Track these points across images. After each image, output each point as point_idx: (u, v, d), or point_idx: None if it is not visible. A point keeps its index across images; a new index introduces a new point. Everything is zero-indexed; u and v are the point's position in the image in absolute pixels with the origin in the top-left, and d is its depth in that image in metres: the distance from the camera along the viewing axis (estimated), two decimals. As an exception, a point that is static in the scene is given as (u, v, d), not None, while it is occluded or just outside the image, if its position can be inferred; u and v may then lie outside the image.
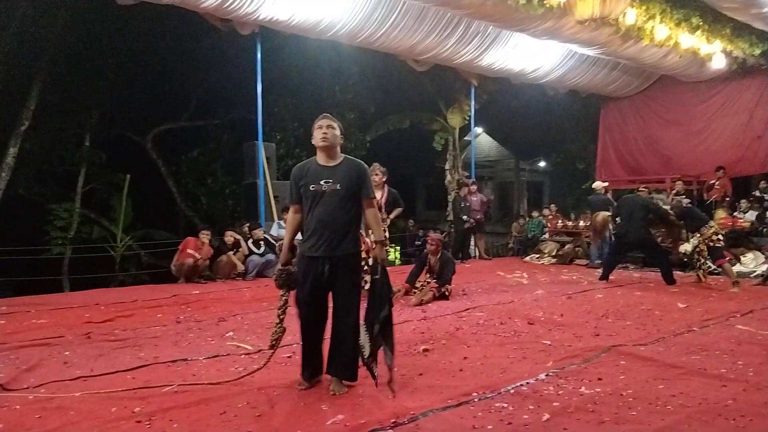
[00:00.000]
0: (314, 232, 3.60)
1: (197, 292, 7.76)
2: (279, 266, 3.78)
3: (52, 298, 7.60)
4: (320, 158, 3.68)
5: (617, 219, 8.78)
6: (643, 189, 10.49)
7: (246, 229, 9.56)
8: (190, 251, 8.68)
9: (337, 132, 3.66)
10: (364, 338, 3.61)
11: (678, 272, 8.81)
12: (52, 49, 12.54)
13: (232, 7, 7.94)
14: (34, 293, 7.87)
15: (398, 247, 15.69)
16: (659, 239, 8.89)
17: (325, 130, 3.61)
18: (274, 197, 10.52)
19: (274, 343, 3.76)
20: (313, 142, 3.68)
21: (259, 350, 4.46)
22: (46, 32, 12.32)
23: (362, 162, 3.77)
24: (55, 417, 3.17)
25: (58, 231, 13.39)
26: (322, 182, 3.58)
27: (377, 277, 3.65)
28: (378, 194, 7.00)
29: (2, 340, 5.02)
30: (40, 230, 13.30)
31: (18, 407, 3.33)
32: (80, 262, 12.61)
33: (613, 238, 9.46)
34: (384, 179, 7.07)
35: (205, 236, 8.91)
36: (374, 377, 3.63)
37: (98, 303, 6.87)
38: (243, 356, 4.49)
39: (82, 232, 14.00)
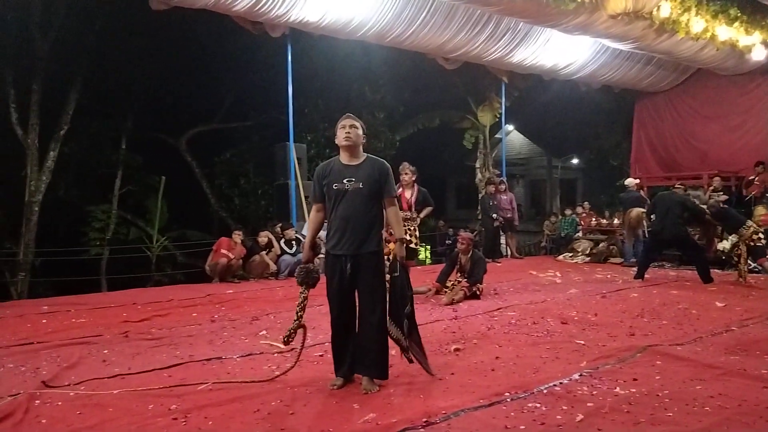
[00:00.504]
0: (337, 231, 3.66)
1: (231, 291, 7.88)
2: (301, 264, 3.85)
3: (91, 297, 7.79)
4: (343, 157, 3.73)
5: (652, 216, 8.63)
6: (679, 186, 10.28)
7: (278, 229, 9.67)
8: (223, 251, 8.81)
9: (360, 131, 3.72)
10: (396, 333, 3.64)
11: (716, 270, 8.62)
12: (88, 55, 12.86)
13: (263, 9, 8.03)
14: (73, 293, 8.08)
15: (428, 247, 15.66)
16: (695, 237, 8.71)
17: (348, 130, 3.67)
18: (306, 197, 10.61)
19: (287, 339, 3.80)
20: (336, 142, 3.75)
21: (292, 349, 4.50)
22: (83, 38, 12.64)
23: (384, 161, 3.81)
24: (94, 413, 3.25)
25: (96, 232, 13.75)
26: (345, 181, 3.63)
27: (396, 274, 3.67)
28: (408, 193, 7.02)
29: (44, 338, 5.17)
30: (79, 232, 13.67)
31: (59, 403, 3.42)
32: (117, 263, 12.91)
33: (647, 236, 9.30)
34: (414, 178, 7.08)
35: (237, 236, 9.03)
36: (421, 363, 3.74)
37: (135, 302, 7.03)
38: (276, 355, 4.54)
39: (120, 233, 14.34)
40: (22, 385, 3.73)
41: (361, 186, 3.62)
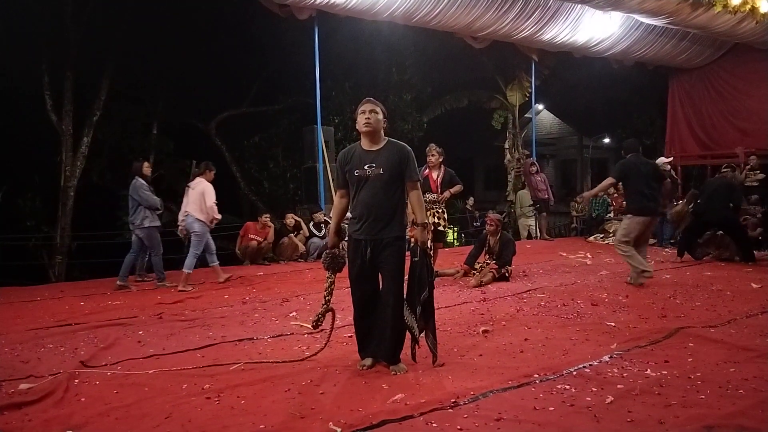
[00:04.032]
0: (360, 216, 3.65)
1: (261, 273, 7.99)
2: (326, 249, 3.88)
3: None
4: (364, 143, 3.70)
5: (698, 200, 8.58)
6: (726, 169, 9.90)
7: (307, 211, 9.75)
8: (251, 236, 8.93)
9: (380, 116, 3.65)
10: (410, 319, 3.63)
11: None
12: (120, 42, 13.03)
13: (289, -8, 8.03)
14: (109, 276, 8.27)
15: (456, 228, 15.61)
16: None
17: (368, 116, 3.61)
18: (333, 180, 10.64)
19: (315, 324, 3.84)
20: (357, 127, 3.70)
21: (322, 330, 4.55)
22: (114, 26, 12.81)
23: (405, 145, 3.75)
24: (131, 393, 3.35)
25: (130, 216, 14.01)
26: (365, 167, 3.60)
27: (416, 259, 3.65)
28: (435, 174, 6.98)
29: (82, 320, 5.33)
30: (114, 216, 13.97)
31: (97, 383, 3.53)
32: (151, 246, 13.15)
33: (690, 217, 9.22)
34: (441, 159, 7.03)
35: (266, 219, 9.12)
36: (432, 351, 3.70)
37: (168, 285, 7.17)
38: (306, 335, 4.60)
39: (152, 218, 14.58)
40: (61, 365, 3.86)
41: (381, 172, 3.58)
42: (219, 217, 7.18)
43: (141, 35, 13.30)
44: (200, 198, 7.03)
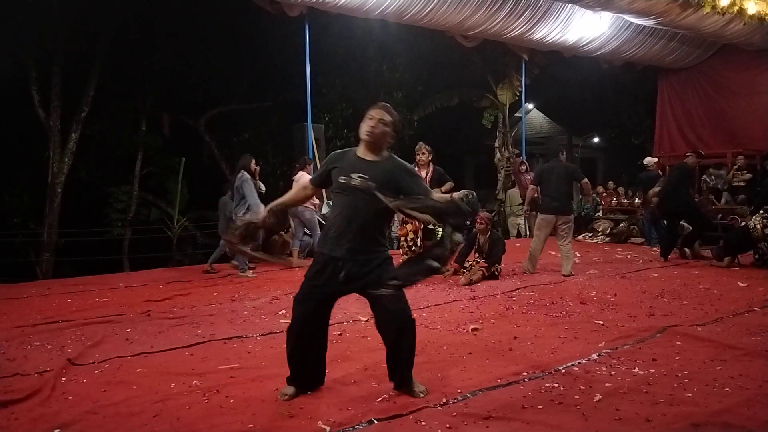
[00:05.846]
0: (337, 230, 3.17)
1: (250, 271, 7.94)
2: (249, 218, 3.40)
3: (114, 277, 7.92)
4: (360, 150, 3.19)
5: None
6: (689, 154, 9.25)
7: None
8: (241, 233, 8.89)
9: (388, 129, 3.14)
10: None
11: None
12: (109, 37, 12.92)
13: (280, -12, 7.99)
14: (96, 273, 8.22)
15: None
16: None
17: (373, 124, 3.11)
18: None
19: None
20: (359, 133, 3.19)
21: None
22: (102, 20, 12.69)
23: (407, 163, 3.31)
24: (118, 391, 3.33)
25: (118, 213, 13.94)
26: (354, 176, 3.06)
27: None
28: (423, 173, 7.00)
29: (69, 317, 5.28)
30: (101, 213, 13.88)
31: (85, 381, 3.51)
32: (139, 243, 13.08)
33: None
34: (430, 158, 7.05)
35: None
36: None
37: (157, 282, 7.14)
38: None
39: (141, 214, 14.52)
40: (48, 363, 3.83)
41: (372, 185, 3.04)
42: (318, 201, 8.36)
43: (130, 30, 13.20)
44: None
